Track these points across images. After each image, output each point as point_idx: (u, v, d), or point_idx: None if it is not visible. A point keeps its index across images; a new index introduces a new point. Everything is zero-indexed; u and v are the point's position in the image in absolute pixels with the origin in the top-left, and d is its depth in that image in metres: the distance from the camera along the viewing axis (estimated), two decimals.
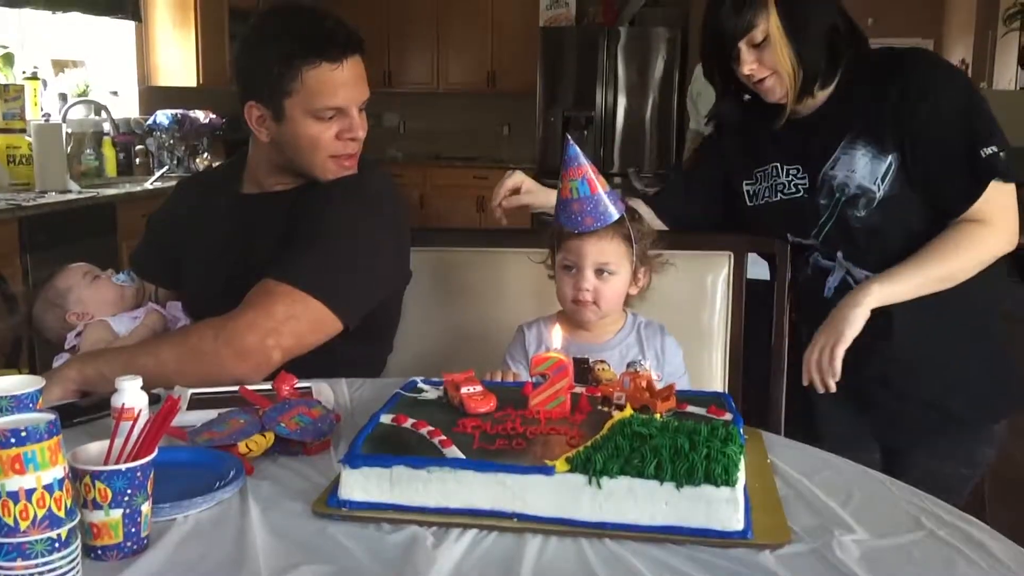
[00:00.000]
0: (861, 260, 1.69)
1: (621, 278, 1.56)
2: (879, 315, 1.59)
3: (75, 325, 1.69)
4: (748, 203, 1.82)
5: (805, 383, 1.61)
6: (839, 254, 1.71)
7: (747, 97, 1.75)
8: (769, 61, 1.62)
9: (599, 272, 1.54)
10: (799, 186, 1.74)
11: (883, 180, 1.63)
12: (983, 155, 1.57)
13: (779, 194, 1.76)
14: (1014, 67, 6.48)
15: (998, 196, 1.59)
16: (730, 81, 1.71)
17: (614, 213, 1.50)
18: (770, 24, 1.59)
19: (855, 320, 1.56)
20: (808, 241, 1.75)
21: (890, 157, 1.63)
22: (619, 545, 0.97)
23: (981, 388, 1.72)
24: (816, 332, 1.61)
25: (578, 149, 1.50)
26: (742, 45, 1.62)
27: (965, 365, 1.71)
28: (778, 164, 1.76)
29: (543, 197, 1.83)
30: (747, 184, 1.82)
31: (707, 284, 1.89)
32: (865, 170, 1.64)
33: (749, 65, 1.63)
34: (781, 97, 1.66)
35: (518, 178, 1.83)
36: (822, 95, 1.69)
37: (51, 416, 0.86)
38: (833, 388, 1.57)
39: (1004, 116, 4.88)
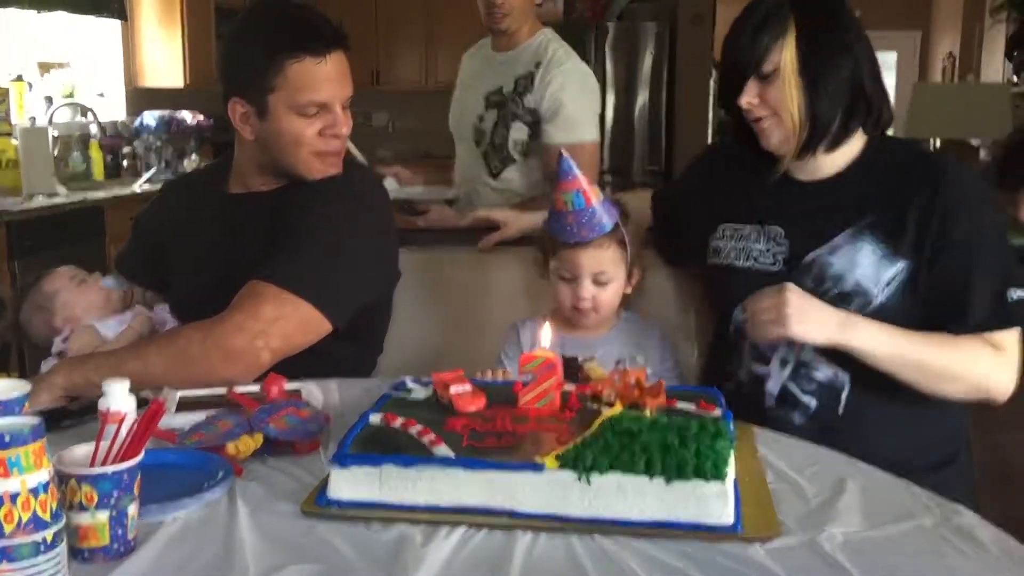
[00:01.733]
0: (833, 359, 1.45)
1: (618, 282, 1.59)
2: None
3: (62, 329, 1.68)
4: (708, 260, 1.60)
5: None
6: (796, 351, 1.48)
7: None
8: (772, 99, 1.42)
9: (596, 281, 1.56)
10: (778, 257, 1.51)
11: (887, 286, 1.43)
12: (1012, 298, 1.41)
13: (751, 260, 1.54)
14: (1001, 59, 6.50)
15: (1013, 341, 1.43)
16: (743, 119, 1.49)
17: (609, 222, 1.53)
18: (783, 57, 1.40)
19: (818, 337, 1.38)
20: None
21: (902, 264, 1.43)
22: (609, 541, 0.97)
23: None
24: (781, 303, 1.37)
25: (572, 163, 1.51)
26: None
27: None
28: (759, 227, 1.54)
29: (514, 229, 1.88)
30: (713, 239, 1.60)
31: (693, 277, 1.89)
32: (869, 269, 1.43)
33: (748, 98, 1.44)
34: (776, 145, 1.47)
35: (494, 216, 1.92)
36: (825, 159, 1.49)
37: (35, 420, 0.86)
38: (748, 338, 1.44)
39: (990, 108, 4.89)
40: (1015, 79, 5.82)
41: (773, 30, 1.41)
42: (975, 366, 1.41)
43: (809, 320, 1.37)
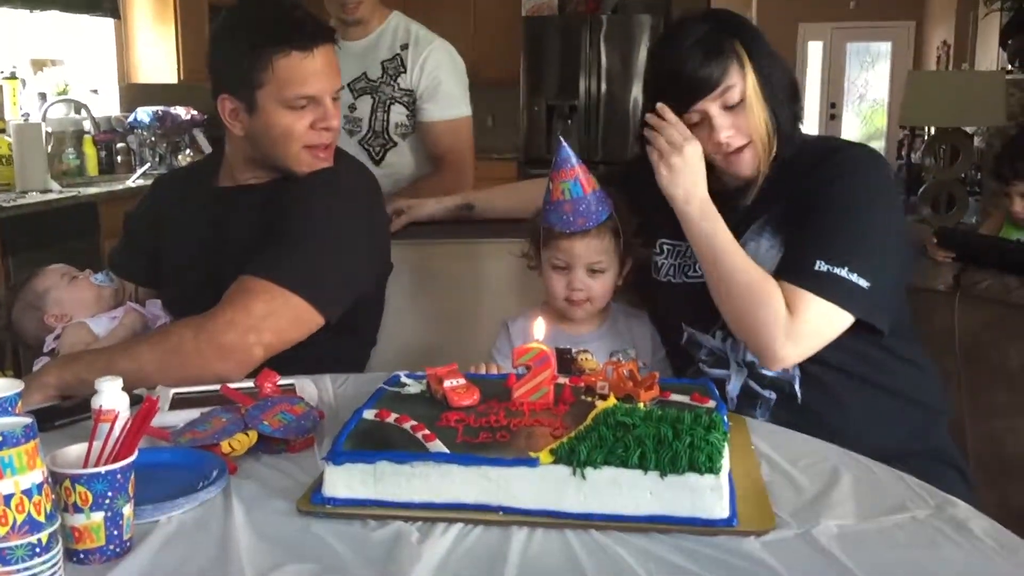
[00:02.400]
0: None
1: (611, 273, 1.58)
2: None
3: (53, 327, 1.67)
4: (652, 274, 1.60)
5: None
6: (745, 353, 1.48)
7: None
8: (746, 127, 1.42)
9: (590, 271, 1.55)
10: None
11: None
12: (818, 267, 1.36)
13: (683, 276, 1.55)
14: (995, 47, 6.50)
15: (808, 311, 1.37)
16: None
17: (604, 211, 1.52)
18: (747, 84, 1.41)
19: (673, 194, 1.43)
20: (707, 337, 1.52)
21: None
22: (604, 536, 0.97)
23: None
24: (676, 151, 1.41)
25: (570, 151, 1.50)
26: (712, 108, 1.41)
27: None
28: (689, 244, 1.53)
29: (419, 211, 2.02)
30: (655, 254, 1.60)
31: None
32: (768, 263, 1.43)
33: (726, 131, 1.42)
34: (750, 172, 1.46)
35: (396, 204, 2.01)
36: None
37: (28, 420, 0.86)
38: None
39: (985, 96, 4.88)
40: (1009, 67, 5.81)
41: (729, 59, 1.41)
42: (766, 308, 1.36)
43: (679, 181, 1.43)
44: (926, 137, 5.50)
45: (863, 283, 1.36)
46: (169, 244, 1.77)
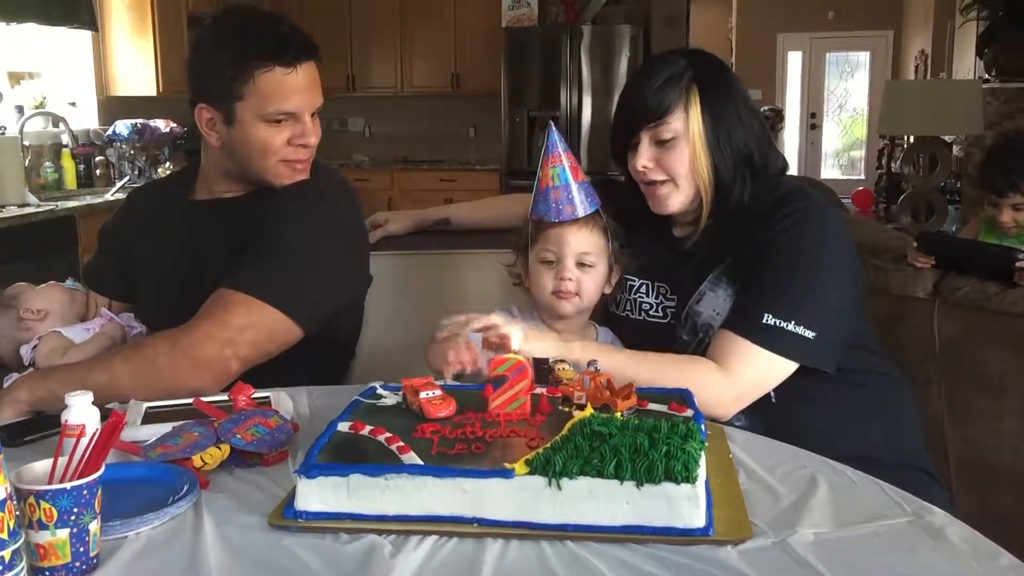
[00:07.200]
0: None
1: (599, 272, 1.56)
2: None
3: (30, 326, 1.64)
4: (608, 307, 1.65)
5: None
6: None
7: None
8: (668, 166, 1.49)
9: (580, 263, 1.53)
10: (667, 310, 1.57)
11: None
12: (765, 320, 1.40)
13: (643, 314, 1.60)
14: (972, 56, 6.56)
15: (759, 359, 1.41)
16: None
17: (593, 202, 1.51)
18: (690, 125, 1.47)
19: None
20: None
21: None
22: (580, 547, 0.96)
23: None
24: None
25: (559, 137, 1.50)
26: (644, 137, 1.50)
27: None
28: (648, 283, 1.60)
29: (397, 224, 2.03)
30: (605, 288, 1.62)
31: None
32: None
33: (644, 160, 1.50)
34: (675, 209, 1.52)
35: (373, 217, 2.03)
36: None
37: None
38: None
39: (962, 104, 4.90)
40: (986, 76, 5.86)
41: (673, 99, 1.47)
42: (684, 382, 1.34)
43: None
44: (905, 146, 5.53)
45: (809, 334, 1.41)
46: (145, 258, 1.75)
